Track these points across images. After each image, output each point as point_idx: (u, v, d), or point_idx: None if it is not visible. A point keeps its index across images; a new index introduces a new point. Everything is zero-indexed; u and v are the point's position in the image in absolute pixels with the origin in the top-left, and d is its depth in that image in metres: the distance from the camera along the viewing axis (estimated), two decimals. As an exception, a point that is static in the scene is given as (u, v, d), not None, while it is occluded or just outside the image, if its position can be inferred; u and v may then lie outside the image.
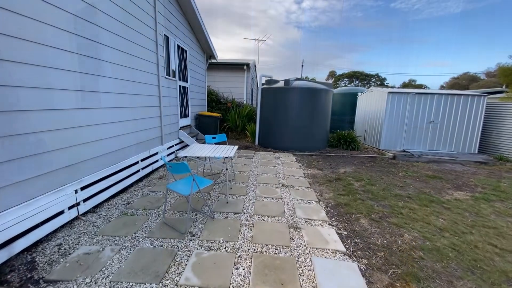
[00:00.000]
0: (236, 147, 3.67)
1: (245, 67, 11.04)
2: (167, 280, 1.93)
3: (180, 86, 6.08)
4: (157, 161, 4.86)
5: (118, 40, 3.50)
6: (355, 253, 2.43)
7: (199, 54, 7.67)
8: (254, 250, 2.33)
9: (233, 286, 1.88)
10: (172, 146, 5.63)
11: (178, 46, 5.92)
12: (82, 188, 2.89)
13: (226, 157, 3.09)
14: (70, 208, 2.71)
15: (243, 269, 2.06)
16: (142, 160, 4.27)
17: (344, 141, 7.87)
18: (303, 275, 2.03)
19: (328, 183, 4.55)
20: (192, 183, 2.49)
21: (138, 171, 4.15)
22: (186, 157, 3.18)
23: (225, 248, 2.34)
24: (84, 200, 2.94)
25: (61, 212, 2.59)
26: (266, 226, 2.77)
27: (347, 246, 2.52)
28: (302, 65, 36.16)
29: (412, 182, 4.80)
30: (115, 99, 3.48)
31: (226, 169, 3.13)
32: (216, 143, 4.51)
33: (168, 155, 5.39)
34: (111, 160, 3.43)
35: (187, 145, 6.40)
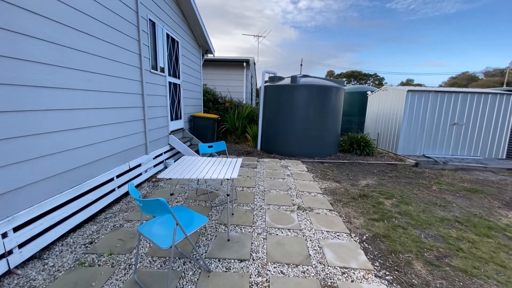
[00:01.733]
0: (240, 161, 2.76)
1: (244, 64, 10.13)
2: None
3: (170, 83, 5.16)
4: (140, 174, 3.93)
5: (77, 15, 2.58)
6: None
7: (193, 48, 6.75)
8: None
9: None
10: (161, 154, 4.70)
11: (168, 35, 4.99)
12: (16, 229, 1.97)
13: (227, 179, 2.20)
14: (-9, 262, 1.79)
15: None
16: (118, 176, 3.35)
17: (358, 146, 7.01)
18: None
19: (353, 201, 3.67)
20: (175, 229, 1.58)
21: (113, 190, 3.23)
22: (170, 178, 2.27)
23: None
24: (21, 245, 2.01)
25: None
26: (288, 285, 1.88)
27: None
28: (301, 64, 35.39)
29: (453, 199, 3.94)
30: (73, 98, 2.55)
31: (227, 195, 2.22)
32: (212, 154, 3.60)
33: (155, 165, 4.47)
34: (69, 181, 2.51)
35: (178, 153, 5.46)
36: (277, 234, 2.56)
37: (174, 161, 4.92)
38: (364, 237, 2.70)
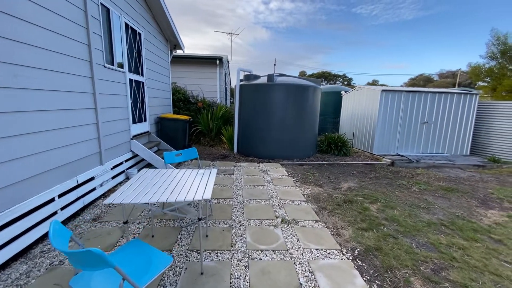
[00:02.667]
0: (214, 174, 2.31)
1: (217, 61, 9.60)
2: None
3: (131, 80, 4.50)
4: (93, 189, 3.28)
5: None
6: None
7: (160, 42, 6.08)
8: None
9: None
10: (121, 163, 4.05)
11: (128, 25, 4.33)
12: None
13: (198, 200, 1.74)
14: None
15: None
16: (62, 195, 2.69)
17: (335, 146, 6.92)
18: None
19: (338, 208, 3.43)
20: (121, 286, 1.10)
21: (54, 213, 2.58)
22: (114, 206, 1.74)
23: None
24: None
25: None
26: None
27: None
28: (275, 64, 35.55)
29: (433, 200, 3.91)
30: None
31: (199, 219, 1.76)
32: (177, 165, 3.09)
33: (114, 177, 3.81)
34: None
35: (142, 161, 4.81)
36: (261, 259, 2.17)
37: (138, 171, 4.30)
38: (356, 252, 2.43)
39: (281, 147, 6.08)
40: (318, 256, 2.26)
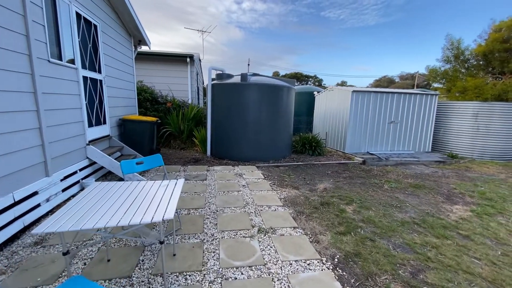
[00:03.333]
0: (181, 185, 2.03)
1: (188, 59, 9.14)
2: None
3: (86, 78, 3.98)
4: (37, 206, 2.78)
5: None
6: None
7: (121, 36, 5.53)
8: None
9: None
10: (74, 173, 3.54)
11: (80, 16, 3.81)
12: None
13: (157, 222, 1.46)
14: None
15: None
16: (-9, 217, 2.21)
17: (310, 146, 6.94)
18: None
19: (315, 211, 3.34)
20: None
21: (-20, 240, 2.09)
22: (59, 232, 1.39)
23: None
24: None
25: None
26: None
27: None
28: (249, 64, 35.49)
29: (404, 198, 4.02)
30: None
31: (161, 243, 1.48)
32: (142, 172, 2.75)
33: (64, 190, 3.30)
34: None
35: (102, 169, 4.29)
36: (236, 278, 1.95)
37: (95, 180, 3.82)
38: (336, 260, 2.32)
39: (257, 148, 5.91)
40: (297, 269, 2.10)
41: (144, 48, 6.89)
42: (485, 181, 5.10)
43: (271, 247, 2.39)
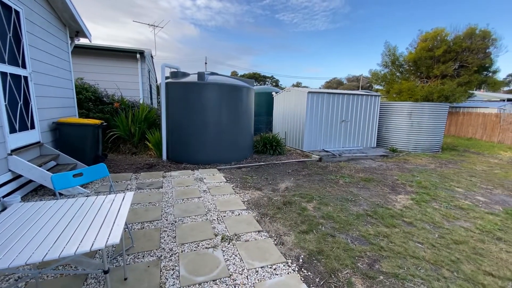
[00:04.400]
0: (129, 200, 1.77)
1: (138, 55, 8.38)
2: None
3: (5, 74, 3.27)
4: None
5: None
6: None
7: (53, 26, 4.73)
8: None
9: None
10: (-9, 190, 2.87)
11: (-8, -3, 3.10)
12: None
13: (100, 249, 1.22)
14: None
15: None
16: None
17: (270, 146, 7.03)
18: None
19: (279, 212, 3.35)
20: None
21: None
22: None
23: None
24: None
25: None
26: None
27: None
28: (206, 62, 34.53)
29: (357, 191, 4.33)
30: None
31: (105, 272, 1.22)
32: (85, 184, 2.36)
33: (-23, 212, 2.65)
34: None
35: (31, 182, 3.59)
36: (199, 295, 1.79)
37: (22, 197, 3.20)
38: (301, 261, 2.34)
39: (218, 150, 5.72)
40: (264, 276, 2.04)
41: (82, 41, 6.05)
42: (420, 171, 5.85)
43: (236, 256, 2.29)
